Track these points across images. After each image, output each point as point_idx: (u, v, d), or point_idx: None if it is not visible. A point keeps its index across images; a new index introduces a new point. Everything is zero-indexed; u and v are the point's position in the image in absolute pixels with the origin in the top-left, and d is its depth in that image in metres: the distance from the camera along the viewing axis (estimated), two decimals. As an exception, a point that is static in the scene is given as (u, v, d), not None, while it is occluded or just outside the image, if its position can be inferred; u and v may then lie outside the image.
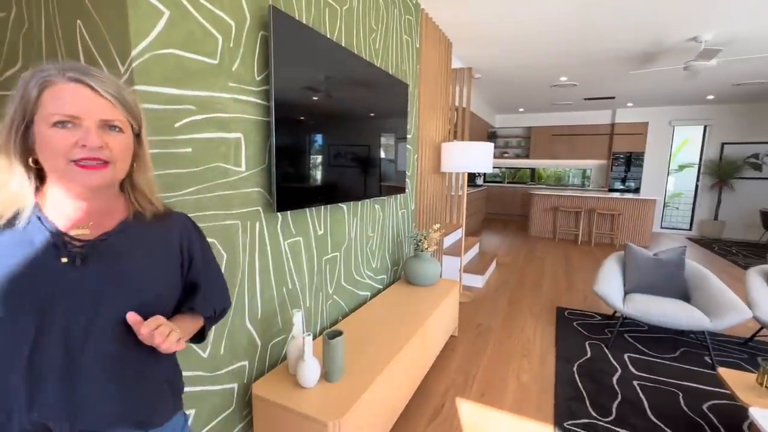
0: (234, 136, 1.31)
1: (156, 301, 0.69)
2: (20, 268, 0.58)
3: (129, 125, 0.66)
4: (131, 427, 0.69)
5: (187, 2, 1.12)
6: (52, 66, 0.61)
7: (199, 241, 0.81)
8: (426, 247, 2.53)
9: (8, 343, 0.57)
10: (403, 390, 1.75)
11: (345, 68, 1.80)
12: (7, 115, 0.60)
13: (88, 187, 0.62)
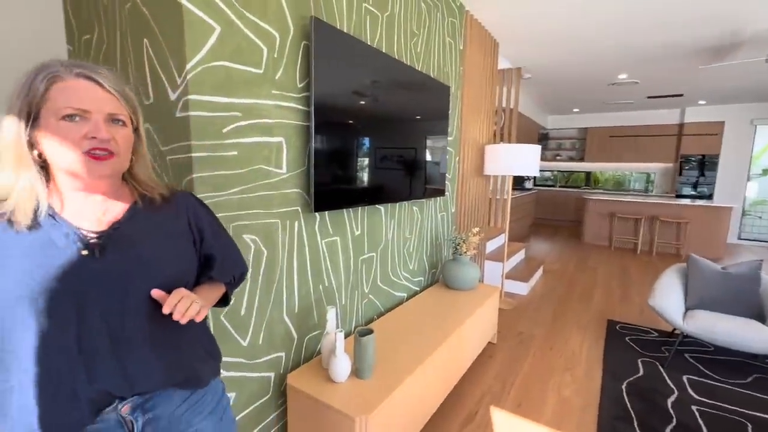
0: (276, 140, 1.39)
1: (176, 276, 0.75)
2: (49, 266, 0.63)
3: (130, 120, 0.71)
4: (178, 386, 0.77)
5: (236, 17, 1.22)
6: (57, 62, 0.65)
7: (206, 215, 0.86)
8: (465, 251, 2.49)
9: (57, 330, 0.64)
10: (434, 392, 1.75)
11: (384, 73, 1.84)
12: (10, 111, 0.63)
13: (98, 176, 0.66)
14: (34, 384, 0.63)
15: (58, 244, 0.65)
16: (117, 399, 0.71)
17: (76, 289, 0.64)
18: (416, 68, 2.20)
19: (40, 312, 0.62)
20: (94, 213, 0.70)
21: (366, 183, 1.84)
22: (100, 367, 0.67)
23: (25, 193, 0.64)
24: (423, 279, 2.62)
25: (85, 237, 0.67)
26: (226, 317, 1.28)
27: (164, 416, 0.77)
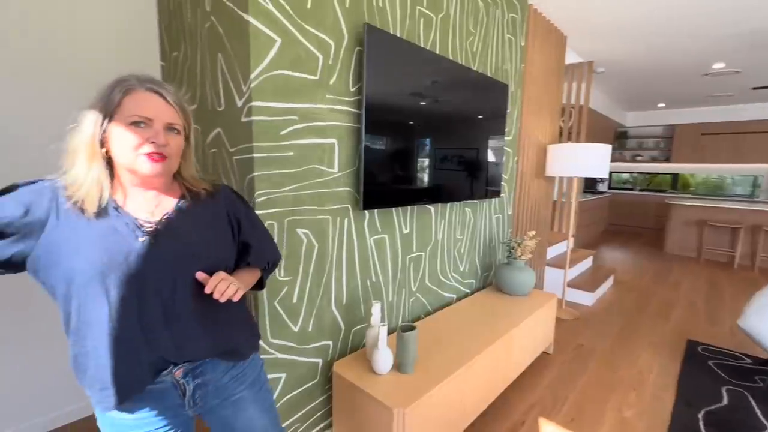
0: (329, 141, 1.49)
1: (217, 260, 0.86)
2: (114, 250, 0.75)
3: (183, 129, 0.83)
4: (221, 357, 0.89)
5: (295, 30, 1.33)
6: (132, 77, 0.77)
7: (243, 207, 0.97)
8: (519, 255, 2.40)
9: (121, 305, 0.76)
10: (478, 396, 1.73)
11: (436, 74, 1.85)
12: (90, 114, 0.75)
13: (151, 175, 0.78)
14: (105, 349, 0.76)
15: (121, 231, 0.77)
16: (171, 364, 0.83)
17: (135, 271, 0.76)
18: (472, 68, 2.18)
19: (107, 289, 0.74)
20: (149, 206, 0.82)
21: (415, 183, 1.87)
22: (157, 336, 0.79)
23: (94, 184, 0.75)
24: (474, 282, 2.57)
25: (141, 226, 0.79)
26: (279, 303, 1.41)
27: (211, 383, 0.89)
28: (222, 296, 0.79)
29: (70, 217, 0.74)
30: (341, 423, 1.57)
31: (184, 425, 0.92)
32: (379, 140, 1.62)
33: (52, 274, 0.75)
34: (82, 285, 0.74)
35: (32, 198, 0.74)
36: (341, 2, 1.46)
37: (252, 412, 0.96)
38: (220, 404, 0.92)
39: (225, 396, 0.92)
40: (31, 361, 1.65)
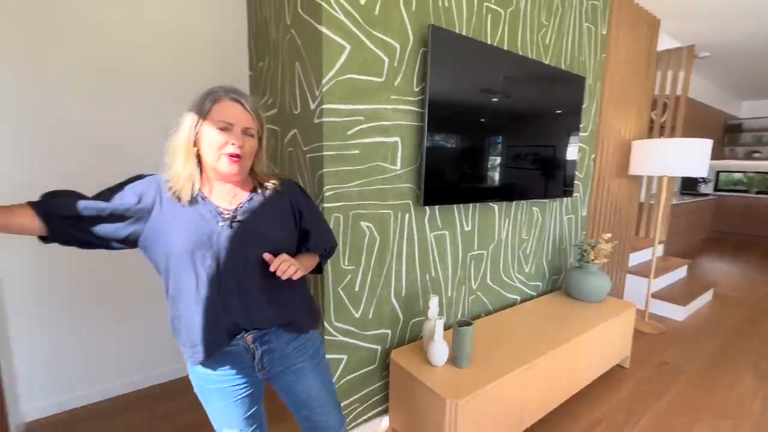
0: (392, 139, 1.57)
1: (281, 244, 0.98)
2: (200, 232, 0.90)
3: (257, 132, 0.96)
4: (284, 328, 1.02)
5: (363, 36, 1.42)
6: (220, 89, 0.92)
7: (305, 199, 1.09)
8: (592, 259, 2.25)
9: (204, 277, 0.92)
10: (537, 400, 1.68)
11: (502, 70, 1.83)
12: (185, 120, 0.91)
13: (229, 172, 0.92)
14: (192, 313, 0.92)
15: (206, 217, 0.92)
16: (243, 330, 0.97)
17: (215, 249, 0.91)
18: (543, 62, 2.10)
19: (194, 264, 0.90)
20: (228, 197, 0.97)
21: (477, 180, 1.86)
22: (231, 305, 0.94)
23: (188, 178, 0.92)
24: (541, 284, 2.47)
25: (221, 213, 0.94)
26: (342, 290, 1.52)
27: (276, 350, 1.02)
28: (284, 274, 0.92)
29: (169, 205, 0.92)
30: (397, 409, 1.64)
31: (255, 386, 1.07)
32: (441, 138, 1.66)
33: (156, 250, 0.93)
34: (177, 260, 0.91)
35: (143, 189, 0.92)
36: (407, 6, 1.52)
37: (311, 381, 1.08)
38: (284, 371, 1.05)
39: (288, 364, 1.05)
40: (136, 328, 2.00)
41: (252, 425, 1.09)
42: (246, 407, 1.06)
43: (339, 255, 1.49)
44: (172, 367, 2.10)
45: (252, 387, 1.06)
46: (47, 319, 1.76)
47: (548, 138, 2.18)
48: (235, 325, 0.96)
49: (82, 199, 0.89)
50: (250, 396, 1.07)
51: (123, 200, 0.90)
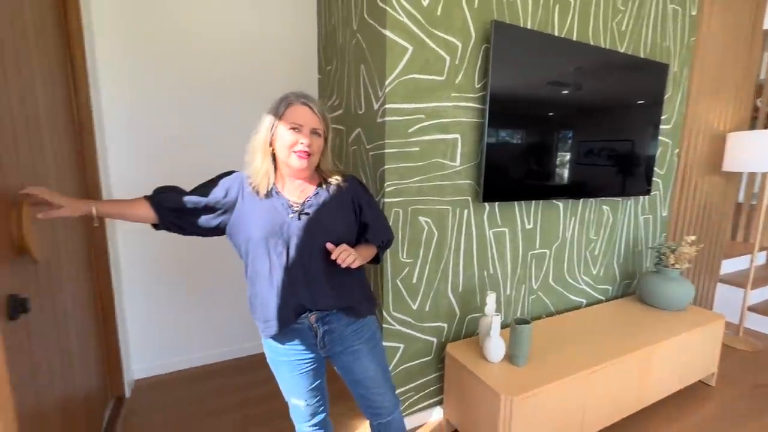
0: (452, 136, 1.59)
1: (342, 235, 1.07)
2: (273, 222, 1.02)
3: (323, 133, 1.05)
4: (343, 311, 1.11)
5: (425, 36, 1.47)
6: (292, 94, 1.03)
7: (365, 194, 1.16)
8: (672, 263, 2.06)
9: (276, 261, 1.04)
10: (601, 408, 1.60)
11: (571, 62, 1.75)
12: (263, 123, 1.04)
13: (299, 168, 1.03)
14: (266, 292, 1.05)
15: (278, 209, 1.04)
16: (307, 310, 1.08)
17: (286, 238, 1.03)
18: (618, 50, 1.96)
19: (268, 249, 1.03)
20: (297, 191, 1.08)
21: (540, 177, 1.81)
22: (298, 288, 1.05)
23: (264, 175, 1.05)
24: (611, 288, 2.31)
25: (291, 206, 1.05)
26: (401, 282, 1.59)
27: (336, 331, 1.12)
28: (343, 263, 1.01)
29: (249, 198, 1.06)
30: (451, 401, 1.67)
31: (318, 362, 1.18)
32: (503, 134, 1.64)
33: (238, 237, 1.07)
34: (254, 245, 1.04)
35: (229, 184, 1.08)
36: (470, 4, 1.53)
37: (367, 363, 1.16)
38: (343, 351, 1.15)
39: (346, 345, 1.14)
40: (224, 307, 2.25)
41: (315, 397, 1.21)
42: (310, 380, 1.18)
43: (398, 248, 1.56)
44: (254, 343, 2.34)
45: (315, 363, 1.18)
46: (153, 296, 2.07)
47: (622, 132, 2.04)
48: (301, 306, 1.07)
49: (183, 194, 1.07)
50: (314, 370, 1.18)
51: (214, 195, 1.06)
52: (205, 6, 1.96)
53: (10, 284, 0.90)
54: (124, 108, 1.88)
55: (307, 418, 1.22)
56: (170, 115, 1.97)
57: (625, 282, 2.38)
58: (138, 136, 1.92)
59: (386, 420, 1.23)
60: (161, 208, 1.04)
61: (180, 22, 1.92)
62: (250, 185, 1.06)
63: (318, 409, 1.23)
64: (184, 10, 1.92)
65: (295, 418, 1.25)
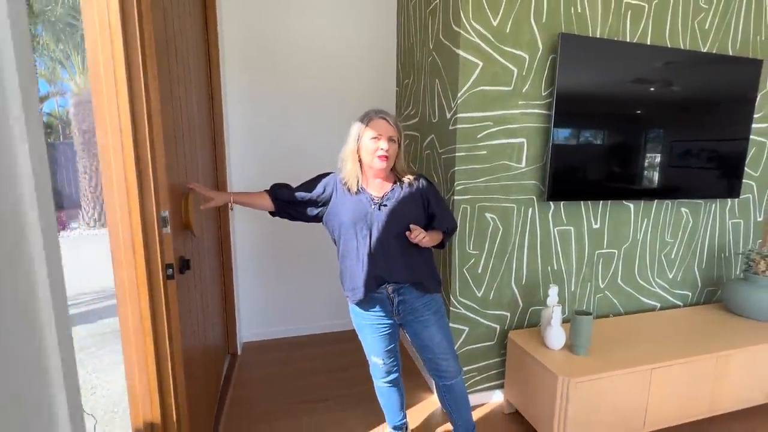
0: (518, 141, 1.75)
1: (412, 222, 1.30)
2: (360, 212, 1.30)
3: (398, 139, 1.30)
4: (414, 286, 1.35)
5: (494, 52, 1.65)
6: (372, 111, 1.30)
7: (432, 190, 1.40)
8: (762, 270, 1.95)
9: (362, 242, 1.31)
10: (664, 407, 1.62)
11: (642, 66, 1.78)
12: (351, 135, 1.32)
13: (379, 169, 1.30)
14: (353, 266, 1.33)
15: (364, 202, 1.32)
16: (385, 282, 1.33)
17: (369, 224, 1.30)
18: (699, 50, 1.93)
19: (356, 233, 1.31)
20: (377, 188, 1.35)
21: (607, 178, 1.86)
22: (378, 262, 1.31)
23: (353, 176, 1.33)
24: (690, 295, 2.23)
25: (373, 200, 1.32)
26: (467, 270, 1.79)
27: (408, 302, 1.36)
28: (415, 239, 1.25)
29: (341, 193, 1.36)
30: (512, 383, 1.82)
31: (393, 328, 1.44)
32: (568, 136, 1.75)
33: (333, 223, 1.37)
34: (345, 229, 1.34)
35: (326, 183, 1.39)
36: (538, 19, 1.68)
37: (434, 331, 1.39)
38: (414, 320, 1.38)
39: (416, 315, 1.37)
40: (322, 286, 2.63)
41: (390, 358, 1.47)
42: (386, 342, 1.44)
43: (465, 240, 1.76)
44: (340, 321, 2.70)
45: (391, 329, 1.43)
46: (259, 276, 2.52)
47: (702, 131, 1.98)
48: (380, 277, 1.33)
49: (293, 189, 1.40)
50: (390, 335, 1.44)
51: (316, 191, 1.38)
52: (307, 26, 2.35)
53: (182, 250, 1.30)
54: (241, 118, 2.34)
55: (383, 375, 1.49)
56: (276, 122, 2.40)
57: (710, 289, 2.27)
58: (251, 142, 2.38)
59: (450, 383, 1.45)
60: (277, 200, 1.39)
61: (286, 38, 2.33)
62: (343, 185, 1.36)
63: (392, 368, 1.49)
64: (291, 28, 2.32)
65: (374, 374, 1.52)
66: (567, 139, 1.75)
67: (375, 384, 1.56)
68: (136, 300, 1.01)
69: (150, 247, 1.02)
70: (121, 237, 0.99)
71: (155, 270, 1.03)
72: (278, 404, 1.92)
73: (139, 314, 1.02)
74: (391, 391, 1.55)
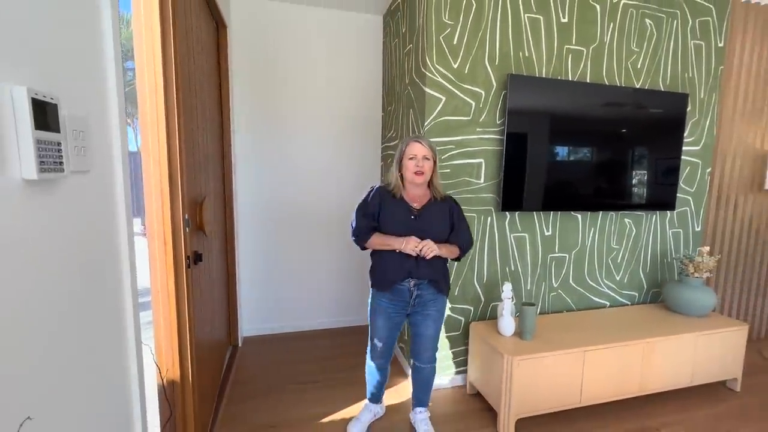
0: (477, 161, 2.10)
1: (440, 232, 1.61)
2: (402, 217, 1.58)
3: (432, 158, 1.59)
4: (431, 284, 1.64)
5: (456, 90, 2.02)
6: (410, 137, 1.60)
7: (457, 209, 1.69)
8: (692, 272, 2.26)
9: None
10: (598, 385, 1.91)
11: (582, 99, 2.14)
12: (396, 156, 1.61)
13: (416, 184, 1.58)
14: (389, 261, 1.62)
15: (405, 209, 1.61)
16: (409, 276, 1.62)
17: (408, 230, 1.57)
18: (633, 86, 2.29)
19: (395, 234, 1.59)
20: (416, 201, 1.63)
21: (556, 192, 2.20)
22: (409, 260, 1.59)
23: (397, 187, 1.61)
24: (637, 295, 2.54)
25: (411, 210, 1.62)
26: (434, 269, 2.11)
27: (423, 296, 1.66)
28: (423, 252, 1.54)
29: (388, 201, 1.64)
30: (473, 367, 2.12)
31: (401, 319, 1.72)
32: (519, 157, 2.10)
33: (383, 223, 1.64)
34: (387, 231, 1.62)
35: (374, 196, 1.66)
36: (491, 62, 2.05)
37: (430, 324, 1.70)
38: (420, 311, 1.69)
39: (424, 308, 1.68)
40: (308, 288, 2.95)
41: (388, 345, 1.74)
42: (391, 331, 1.71)
43: (433, 244, 2.08)
44: (331, 319, 3.01)
45: (399, 319, 1.71)
46: (258, 275, 2.85)
47: (634, 153, 2.32)
48: (408, 272, 1.63)
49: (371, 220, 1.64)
50: (396, 324, 1.72)
51: (374, 207, 1.65)
52: (307, 61, 2.73)
53: (196, 245, 1.64)
54: (243, 143, 2.70)
55: (377, 357, 1.76)
56: (274, 146, 2.76)
57: (654, 290, 2.58)
58: (251, 163, 2.74)
59: (423, 366, 1.77)
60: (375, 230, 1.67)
61: (289, 70, 2.72)
62: (389, 193, 1.64)
63: (385, 354, 1.76)
64: (293, 62, 2.70)
65: (370, 354, 1.80)
66: (518, 159, 2.10)
67: (367, 362, 1.83)
68: (165, 281, 1.35)
69: (177, 242, 1.36)
70: (155, 234, 1.33)
71: (180, 259, 1.37)
72: (274, 384, 2.22)
73: (167, 293, 1.36)
74: (379, 372, 1.81)
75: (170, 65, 1.27)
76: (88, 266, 0.76)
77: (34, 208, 0.60)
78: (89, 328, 0.76)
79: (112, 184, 0.85)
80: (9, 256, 0.55)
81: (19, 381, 0.57)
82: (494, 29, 2.04)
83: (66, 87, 0.68)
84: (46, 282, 0.63)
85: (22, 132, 0.55)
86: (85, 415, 0.75)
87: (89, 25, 0.77)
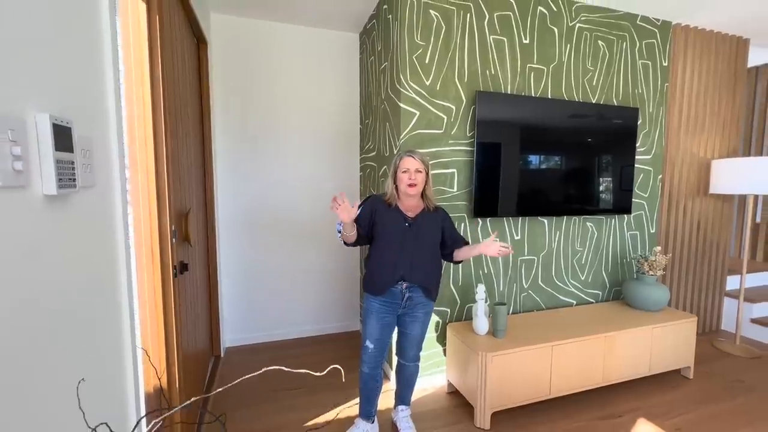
0: (450, 171, 2.24)
1: (431, 241, 1.73)
2: (396, 225, 1.67)
3: (425, 171, 1.67)
4: (422, 289, 1.73)
5: (428, 105, 2.16)
6: (403, 152, 1.67)
7: (448, 219, 1.81)
8: (647, 270, 2.47)
9: (394, 248, 1.69)
10: (565, 377, 2.06)
11: (544, 113, 2.33)
12: (391, 169, 1.69)
13: (409, 195, 1.66)
14: (384, 265, 1.71)
15: (399, 218, 1.69)
16: (402, 280, 1.71)
17: (402, 238, 1.68)
18: (590, 101, 2.50)
19: (391, 241, 1.69)
20: (410, 211, 1.72)
21: (522, 199, 2.37)
22: (405, 264, 1.69)
23: (392, 197, 1.70)
24: (601, 294, 2.73)
25: (406, 219, 1.70)
26: (412, 274, 2.22)
27: (414, 299, 1.75)
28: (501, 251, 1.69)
29: (382, 210, 1.72)
30: (451, 366, 2.23)
31: (392, 319, 1.78)
32: (488, 167, 2.25)
33: (378, 231, 1.72)
34: (383, 238, 1.71)
35: (368, 206, 1.73)
36: (461, 80, 2.21)
37: (417, 326, 1.80)
38: (409, 313, 1.78)
39: (413, 311, 1.77)
40: (288, 299, 3.00)
41: (380, 346, 1.78)
42: (383, 331, 1.77)
43: (410, 249, 2.20)
44: (312, 327, 3.06)
45: (391, 319, 1.77)
46: (239, 288, 2.88)
47: (595, 162, 2.53)
48: (401, 275, 1.71)
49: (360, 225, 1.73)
50: (389, 325, 1.78)
51: (365, 217, 1.72)
52: (287, 75, 2.83)
53: (182, 255, 1.69)
54: (224, 156, 2.76)
55: (371, 362, 1.79)
56: (255, 158, 2.83)
57: (616, 288, 2.78)
58: (232, 175, 2.79)
59: (407, 364, 1.86)
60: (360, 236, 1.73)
61: (267, 83, 2.80)
62: (384, 202, 1.73)
63: (377, 357, 1.79)
64: (270, 77, 2.80)
65: (363, 361, 1.81)
66: (487, 169, 2.26)
67: (361, 372, 1.83)
68: (152, 290, 1.40)
69: (164, 252, 1.42)
70: (143, 245, 1.38)
71: (167, 269, 1.42)
72: (258, 391, 2.26)
73: (155, 302, 1.40)
74: (372, 378, 1.81)
75: (158, 87, 1.34)
76: (91, 269, 0.82)
77: (53, 220, 0.67)
78: (91, 328, 0.82)
79: (112, 197, 0.92)
80: (33, 262, 0.62)
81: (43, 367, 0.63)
82: (462, 49, 2.21)
83: (76, 111, 0.75)
84: (61, 283, 0.70)
85: (45, 153, 0.63)
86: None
87: (93, 56, 0.85)
